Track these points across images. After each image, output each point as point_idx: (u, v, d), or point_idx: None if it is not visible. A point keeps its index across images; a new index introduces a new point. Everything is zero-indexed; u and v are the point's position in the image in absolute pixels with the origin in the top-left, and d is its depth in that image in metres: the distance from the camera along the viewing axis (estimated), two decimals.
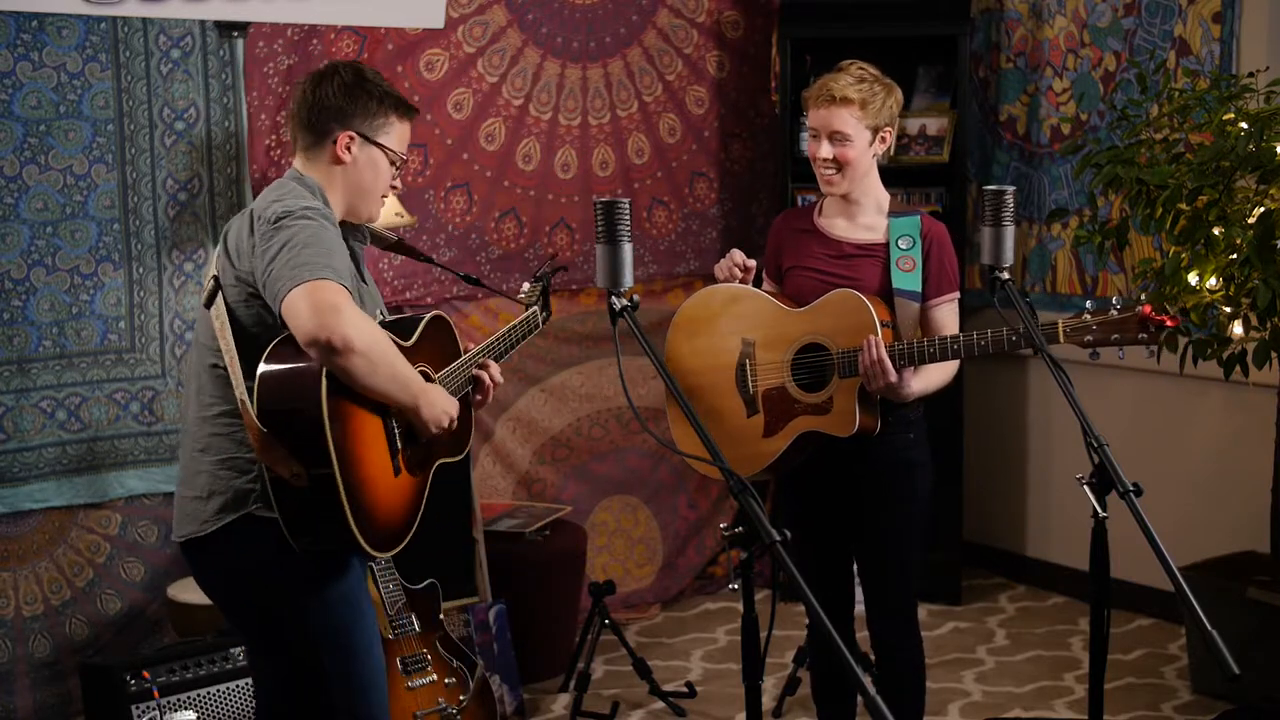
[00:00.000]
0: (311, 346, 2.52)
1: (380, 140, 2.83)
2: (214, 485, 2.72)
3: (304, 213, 2.65)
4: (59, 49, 4.17)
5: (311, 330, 2.50)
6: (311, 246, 2.58)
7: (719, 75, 5.47)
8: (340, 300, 2.52)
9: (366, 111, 2.80)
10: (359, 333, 2.52)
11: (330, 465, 2.55)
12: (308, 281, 2.53)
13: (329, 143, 2.80)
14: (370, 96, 2.81)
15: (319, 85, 2.82)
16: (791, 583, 2.23)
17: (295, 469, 2.56)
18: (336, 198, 2.83)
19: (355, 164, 2.81)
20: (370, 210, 2.89)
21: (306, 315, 2.51)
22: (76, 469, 4.26)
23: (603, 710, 4.43)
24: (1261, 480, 4.41)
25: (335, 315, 2.50)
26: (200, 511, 2.74)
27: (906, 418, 3.40)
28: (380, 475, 2.69)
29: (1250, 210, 4.05)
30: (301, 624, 2.76)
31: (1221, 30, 4.73)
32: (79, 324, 4.26)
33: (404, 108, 2.86)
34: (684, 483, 5.47)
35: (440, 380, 2.86)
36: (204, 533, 2.74)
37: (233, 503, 2.70)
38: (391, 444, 2.72)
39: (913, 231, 3.36)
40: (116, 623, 4.34)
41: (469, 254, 4.99)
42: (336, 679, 2.79)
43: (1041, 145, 5.32)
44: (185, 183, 4.39)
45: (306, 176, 2.82)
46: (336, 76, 2.82)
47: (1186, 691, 4.50)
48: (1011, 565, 5.59)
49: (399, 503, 2.74)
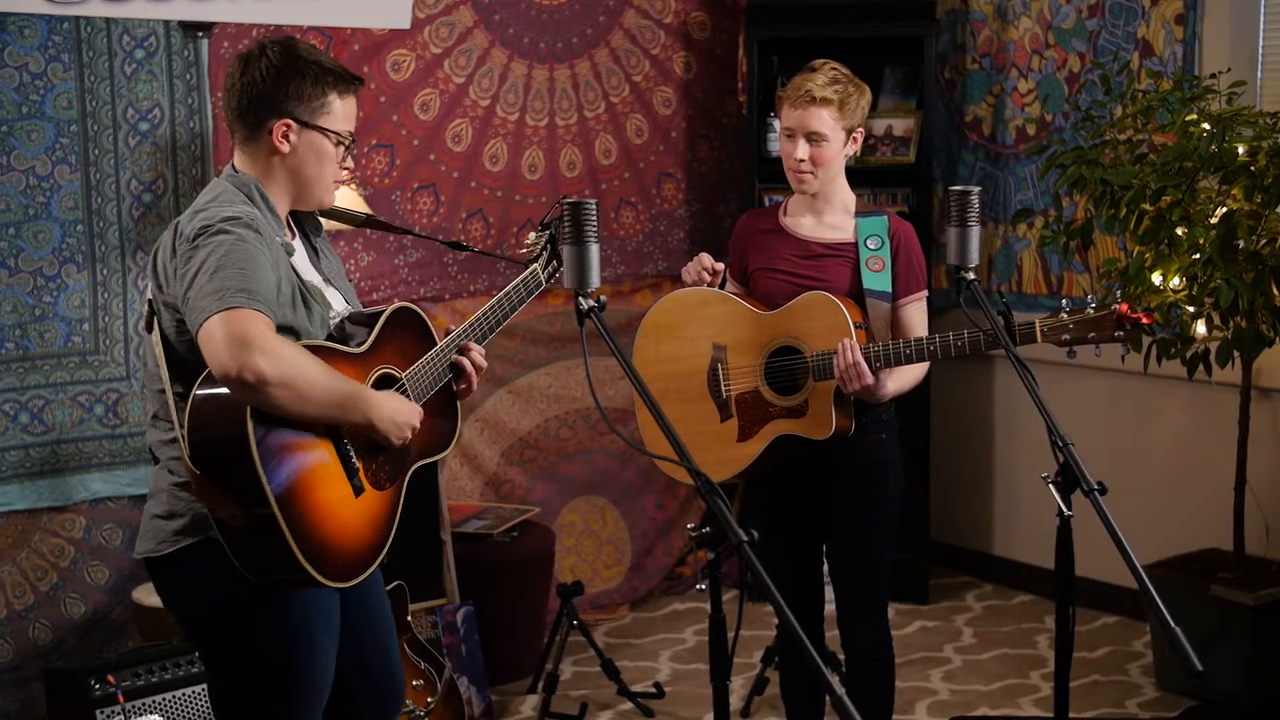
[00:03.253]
0: (226, 383, 2.39)
1: (320, 123, 2.64)
2: (174, 506, 2.61)
3: (221, 226, 2.49)
4: (21, 49, 4.13)
5: (223, 366, 2.36)
6: (225, 269, 2.42)
7: (686, 76, 5.48)
8: (252, 330, 2.37)
9: (300, 95, 2.62)
10: (272, 364, 2.36)
11: (269, 504, 2.41)
12: (218, 312, 2.38)
13: (264, 133, 2.63)
14: (303, 77, 2.62)
15: (245, 70, 2.63)
16: (759, 583, 2.23)
17: (234, 510, 2.44)
18: (279, 190, 2.68)
19: (295, 152, 2.64)
20: (320, 198, 2.72)
21: (218, 350, 2.36)
22: (40, 472, 4.23)
23: (571, 711, 4.42)
24: (1224, 478, 4.44)
25: (245, 349, 2.35)
26: (160, 530, 2.64)
27: (879, 418, 3.41)
28: (334, 501, 2.54)
29: (1213, 210, 4.08)
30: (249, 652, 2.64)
31: (1184, 32, 4.77)
32: (42, 326, 4.23)
33: (343, 82, 2.66)
34: (652, 483, 5.48)
35: (409, 377, 2.71)
36: (161, 553, 2.63)
37: (191, 526, 2.59)
38: (347, 465, 2.57)
39: (880, 231, 3.37)
40: (81, 627, 4.31)
41: (436, 255, 4.97)
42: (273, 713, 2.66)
43: (1007, 146, 5.35)
44: (150, 184, 4.36)
45: (240, 173, 2.67)
46: (264, 59, 2.62)
47: (1151, 688, 4.53)
48: (978, 564, 5.62)
49: (363, 525, 2.60)
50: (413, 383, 2.73)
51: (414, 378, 2.74)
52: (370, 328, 2.71)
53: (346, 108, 2.70)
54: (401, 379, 2.72)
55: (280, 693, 2.66)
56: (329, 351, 2.59)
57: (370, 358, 2.68)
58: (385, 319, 2.73)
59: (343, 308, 2.76)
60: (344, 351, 2.63)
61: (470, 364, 2.82)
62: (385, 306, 2.78)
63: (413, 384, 2.73)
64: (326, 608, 2.69)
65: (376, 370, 2.68)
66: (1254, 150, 3.98)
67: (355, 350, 2.66)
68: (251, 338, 2.37)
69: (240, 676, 2.68)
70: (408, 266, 4.93)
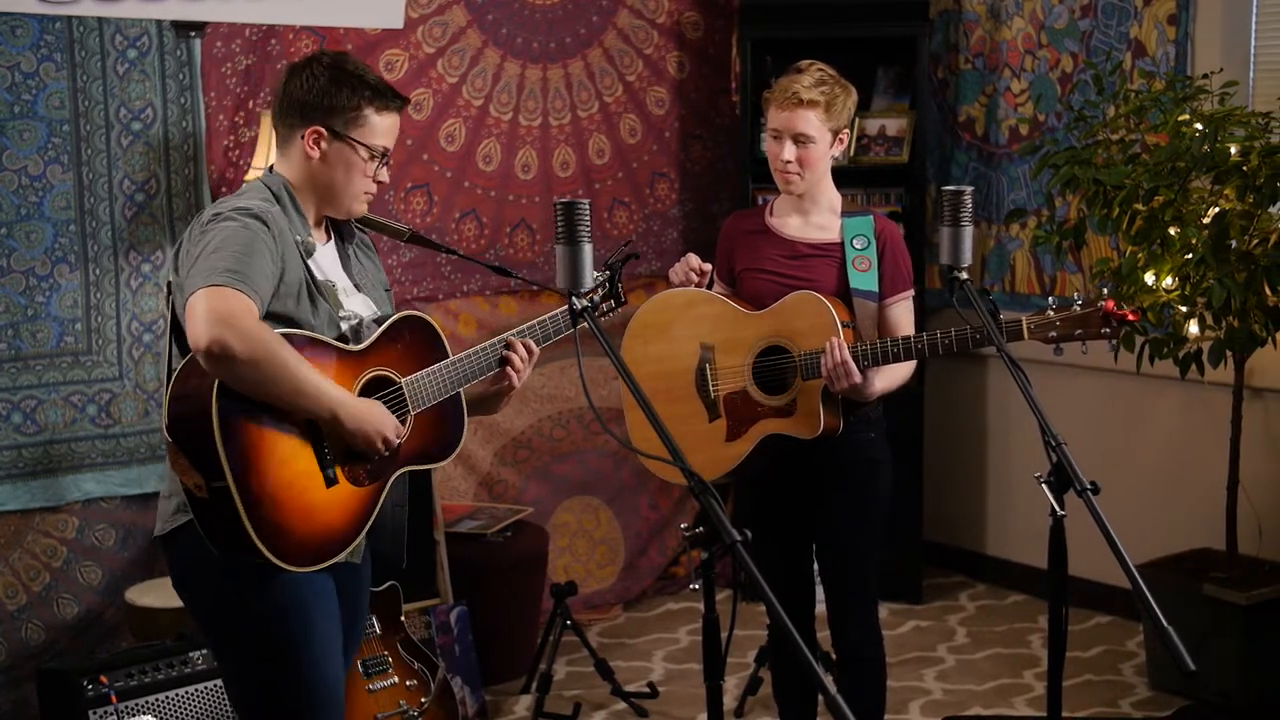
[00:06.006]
0: (197, 354, 2.46)
1: (353, 135, 2.73)
2: (173, 486, 2.70)
3: (229, 215, 2.59)
4: (13, 48, 4.12)
5: (196, 337, 2.45)
6: (222, 251, 2.52)
7: (679, 76, 5.48)
8: (232, 307, 2.45)
9: (336, 106, 2.71)
10: (243, 341, 2.43)
11: (224, 478, 2.48)
12: (204, 288, 2.47)
13: (297, 138, 2.74)
14: (342, 89, 2.71)
15: (290, 79, 2.75)
16: (752, 582, 2.23)
17: (197, 480, 2.51)
18: (308, 194, 2.77)
19: (325, 160, 2.73)
20: (349, 206, 2.80)
21: (196, 322, 2.45)
22: (32, 472, 4.22)
23: (565, 711, 4.42)
24: (1217, 478, 4.45)
25: (220, 324, 2.43)
26: (164, 510, 2.75)
27: (867, 417, 3.42)
28: (300, 487, 2.58)
29: (1205, 210, 4.09)
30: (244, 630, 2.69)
31: (1176, 32, 4.77)
32: (34, 326, 4.22)
33: (382, 98, 2.75)
34: (645, 483, 5.47)
35: (410, 383, 2.75)
36: (164, 531, 2.74)
37: (185, 505, 2.66)
38: (320, 454, 2.62)
39: (867, 231, 3.38)
40: (73, 627, 4.30)
41: (429, 254, 4.97)
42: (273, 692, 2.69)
43: (1000, 146, 5.36)
44: (142, 183, 4.35)
45: (275, 174, 2.78)
46: (310, 69, 2.73)
47: (1144, 688, 4.54)
48: (972, 564, 5.62)
49: (331, 516, 2.64)
50: (413, 388, 2.76)
51: (416, 383, 2.77)
52: (367, 333, 2.75)
53: (385, 124, 2.77)
54: (400, 383, 2.75)
55: (285, 675, 2.69)
56: (318, 344, 2.64)
57: (365, 358, 2.71)
58: (391, 323, 2.77)
59: (368, 313, 2.80)
60: (336, 346, 2.67)
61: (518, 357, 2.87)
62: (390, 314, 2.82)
63: (412, 389, 2.76)
64: (322, 588, 2.73)
65: (370, 370, 2.70)
66: (1246, 150, 3.99)
67: (351, 348, 2.69)
68: (228, 314, 2.45)
69: (244, 660, 2.72)
70: (401, 266, 4.93)
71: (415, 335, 2.81)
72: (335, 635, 2.76)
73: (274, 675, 2.70)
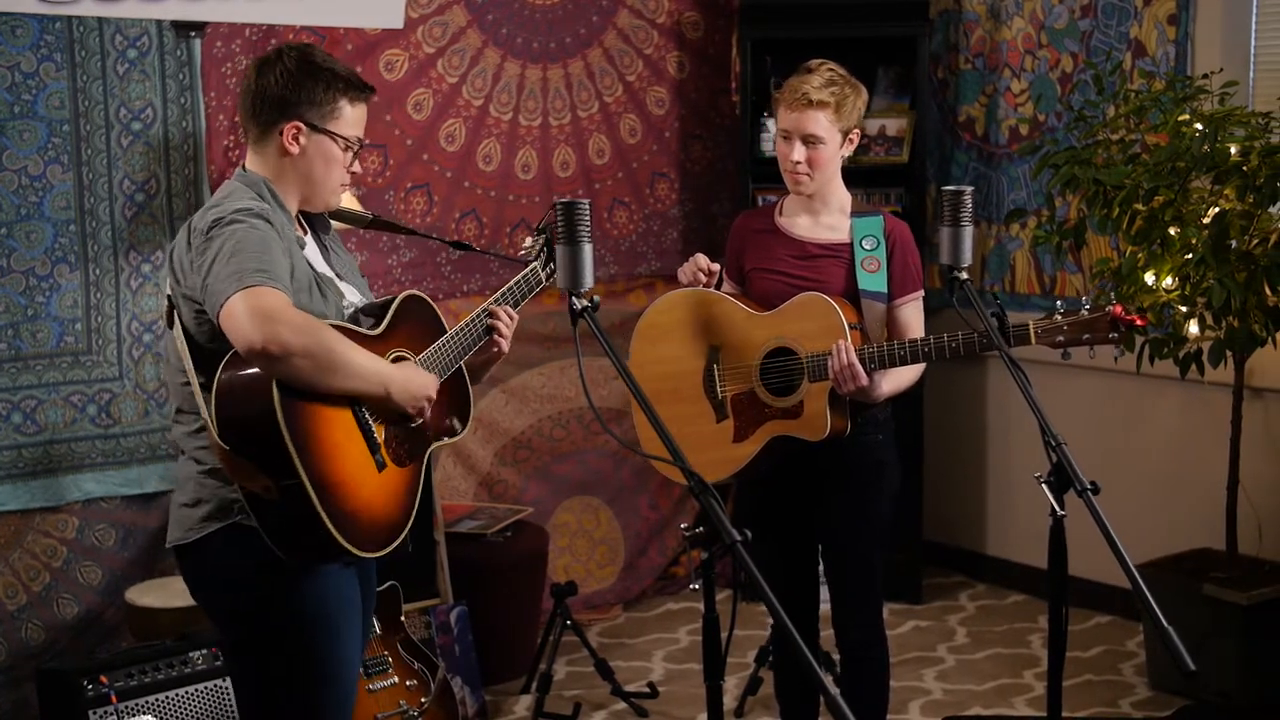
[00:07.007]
0: (251, 356, 2.46)
1: (329, 127, 2.72)
2: (201, 493, 2.69)
3: (234, 217, 2.58)
4: (13, 48, 4.12)
5: (247, 339, 2.44)
6: (242, 253, 2.51)
7: (679, 76, 5.48)
8: (274, 304, 2.46)
9: (312, 99, 2.70)
10: (296, 334, 2.45)
11: (297, 475, 2.50)
12: (239, 290, 2.46)
13: (275, 134, 2.71)
14: (316, 82, 2.70)
15: (261, 75, 2.72)
16: (752, 582, 2.23)
17: (265, 483, 2.51)
18: (289, 190, 2.76)
19: (304, 154, 2.72)
20: (327, 199, 2.80)
21: (241, 325, 2.45)
22: (32, 472, 4.22)
23: (565, 711, 4.42)
24: (1217, 478, 4.45)
25: (269, 322, 2.43)
26: (188, 518, 2.71)
27: (875, 418, 3.41)
28: (360, 474, 2.61)
29: (1205, 210, 4.09)
30: (271, 638, 2.70)
31: (1176, 32, 4.77)
32: (35, 326, 4.22)
33: (355, 89, 2.75)
34: (645, 483, 5.48)
35: (424, 359, 2.78)
36: (188, 540, 2.70)
37: (218, 512, 2.66)
38: (369, 439, 2.64)
39: (876, 232, 3.38)
40: (73, 627, 4.30)
41: (429, 254, 4.97)
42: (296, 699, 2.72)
43: (1000, 146, 5.36)
44: (142, 183, 4.35)
45: (250, 173, 2.75)
46: (280, 63, 2.71)
47: (1144, 688, 4.54)
48: (972, 564, 5.62)
49: (386, 500, 2.66)
50: (426, 364, 2.79)
51: (428, 360, 2.80)
52: (382, 317, 2.77)
53: (357, 114, 2.78)
54: (416, 361, 2.78)
55: (304, 680, 2.71)
56: (346, 331, 2.66)
57: (386, 340, 2.74)
58: (397, 305, 2.79)
59: (357, 300, 2.83)
60: (361, 333, 2.70)
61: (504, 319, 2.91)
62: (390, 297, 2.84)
63: (426, 365, 2.79)
64: (349, 596, 2.75)
65: (391, 353, 2.74)
66: (1246, 150, 3.99)
67: (371, 332, 2.72)
68: (274, 310, 2.45)
69: (264, 665, 2.73)
70: (401, 266, 4.93)
71: (418, 316, 2.85)
72: (358, 640, 2.80)
73: (296, 678, 2.71)
